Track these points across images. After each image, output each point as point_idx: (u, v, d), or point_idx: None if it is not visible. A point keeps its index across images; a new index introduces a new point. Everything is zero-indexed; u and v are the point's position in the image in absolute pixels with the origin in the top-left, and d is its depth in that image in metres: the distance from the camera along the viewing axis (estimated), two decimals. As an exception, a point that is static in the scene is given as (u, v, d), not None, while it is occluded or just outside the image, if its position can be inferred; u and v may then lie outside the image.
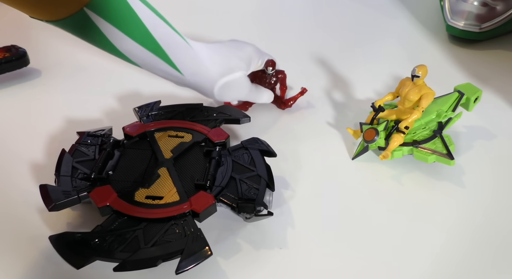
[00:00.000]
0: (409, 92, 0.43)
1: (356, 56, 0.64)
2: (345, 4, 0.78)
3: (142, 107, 0.48)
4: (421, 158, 0.43)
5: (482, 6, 0.62)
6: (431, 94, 0.43)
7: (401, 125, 0.43)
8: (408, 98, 0.43)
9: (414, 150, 0.43)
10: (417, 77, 0.42)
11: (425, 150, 0.43)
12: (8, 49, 0.57)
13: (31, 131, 0.50)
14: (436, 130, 0.44)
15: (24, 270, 0.36)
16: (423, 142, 0.43)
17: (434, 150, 0.43)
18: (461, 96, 0.45)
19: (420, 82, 0.43)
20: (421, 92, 0.43)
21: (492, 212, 0.41)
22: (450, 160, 0.42)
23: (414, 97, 0.43)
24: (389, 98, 0.46)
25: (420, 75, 0.42)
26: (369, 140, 0.43)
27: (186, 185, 0.39)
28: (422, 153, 0.43)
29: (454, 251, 0.38)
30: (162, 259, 0.33)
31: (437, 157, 0.42)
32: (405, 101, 0.44)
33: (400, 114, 0.44)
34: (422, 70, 0.42)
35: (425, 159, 0.43)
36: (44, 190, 0.37)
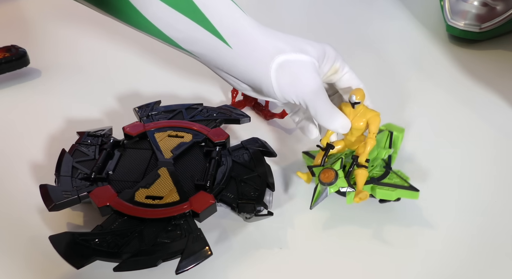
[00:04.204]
0: (354, 120, 0.38)
1: (356, 57, 0.63)
2: (344, 4, 0.77)
3: (142, 107, 0.48)
4: (385, 195, 0.38)
5: (482, 6, 0.62)
6: (377, 116, 0.38)
7: (361, 160, 0.38)
8: (356, 126, 0.38)
9: (376, 187, 0.38)
10: (357, 104, 0.37)
11: (386, 186, 0.39)
12: (8, 49, 0.57)
13: (31, 131, 0.50)
14: (386, 167, 0.40)
15: (24, 270, 0.36)
16: (380, 178, 0.39)
17: (394, 184, 0.39)
18: (391, 134, 0.42)
19: (361, 107, 0.38)
20: (367, 117, 0.38)
21: (492, 212, 0.41)
22: (414, 191, 0.38)
23: (361, 124, 0.38)
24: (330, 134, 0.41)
25: (359, 101, 0.37)
26: (328, 182, 0.37)
27: (186, 185, 0.39)
28: (385, 189, 0.38)
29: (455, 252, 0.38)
30: (162, 259, 0.33)
31: (400, 191, 0.38)
32: (353, 131, 0.39)
33: (350, 147, 0.40)
34: (360, 95, 0.37)
35: (390, 195, 0.38)
36: (44, 190, 0.37)
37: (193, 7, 0.32)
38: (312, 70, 0.36)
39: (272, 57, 0.35)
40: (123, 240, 0.34)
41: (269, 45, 0.35)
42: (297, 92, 0.36)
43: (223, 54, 0.35)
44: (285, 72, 0.35)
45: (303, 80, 0.36)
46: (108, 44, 0.65)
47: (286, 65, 0.35)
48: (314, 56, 0.36)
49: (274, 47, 0.35)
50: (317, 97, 0.36)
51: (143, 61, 0.61)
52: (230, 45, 0.34)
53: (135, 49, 0.62)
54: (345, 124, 0.38)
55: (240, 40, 0.35)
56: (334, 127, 0.37)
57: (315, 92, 0.36)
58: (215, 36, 0.34)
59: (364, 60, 0.63)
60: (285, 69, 0.35)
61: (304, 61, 0.36)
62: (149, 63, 0.61)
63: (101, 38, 0.65)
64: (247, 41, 0.35)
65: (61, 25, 0.69)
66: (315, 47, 0.37)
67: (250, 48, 0.35)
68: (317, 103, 0.36)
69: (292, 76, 0.35)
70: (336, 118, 0.37)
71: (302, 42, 0.37)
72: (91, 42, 0.65)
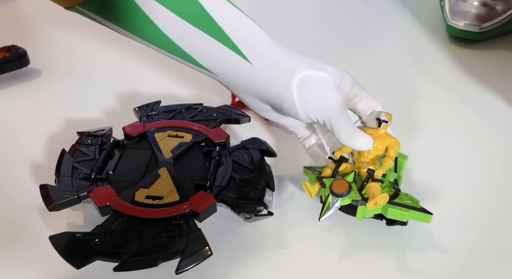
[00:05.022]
0: (375, 141, 0.38)
1: (356, 57, 0.63)
2: (344, 4, 0.77)
3: (142, 107, 0.48)
4: (397, 215, 0.36)
5: (482, 6, 0.62)
6: (397, 143, 0.38)
7: (378, 173, 0.37)
8: (375, 147, 0.38)
9: (389, 206, 0.36)
10: (385, 122, 0.38)
11: (398, 206, 0.36)
12: (8, 49, 0.57)
13: (31, 131, 0.50)
14: (395, 188, 0.38)
15: (24, 270, 0.36)
16: (392, 198, 0.37)
17: (407, 205, 0.36)
18: (396, 159, 0.41)
19: (385, 130, 0.39)
20: (388, 141, 0.38)
21: (493, 213, 0.41)
22: (427, 215, 0.36)
23: (382, 145, 0.38)
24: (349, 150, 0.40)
25: (388, 120, 0.38)
26: (341, 193, 0.35)
27: (186, 185, 0.39)
28: (398, 209, 0.36)
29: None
30: (162, 259, 0.33)
31: (413, 212, 0.36)
32: (371, 150, 0.38)
33: (363, 166, 0.38)
34: (390, 117, 0.38)
35: (402, 216, 0.36)
36: (44, 190, 0.37)
37: (212, 23, 0.32)
38: (334, 86, 0.36)
39: (293, 72, 0.35)
40: (123, 240, 0.34)
41: (289, 62, 0.35)
42: (321, 108, 0.35)
43: (243, 70, 0.35)
44: (308, 87, 0.35)
45: (327, 95, 0.35)
46: (108, 44, 0.65)
47: (308, 80, 0.35)
48: (333, 75, 0.36)
49: (293, 64, 0.35)
50: (341, 114, 0.35)
51: (143, 61, 0.61)
52: (250, 61, 0.34)
53: (135, 49, 0.62)
54: (369, 141, 0.37)
55: (259, 56, 0.34)
56: (359, 145, 0.36)
57: (339, 108, 0.35)
58: (235, 52, 0.34)
59: (364, 60, 0.63)
60: (307, 83, 0.35)
61: (325, 77, 0.35)
62: (149, 63, 0.61)
63: (101, 38, 0.66)
64: (267, 56, 0.35)
65: (61, 25, 0.69)
66: (335, 69, 0.37)
67: (270, 63, 0.35)
68: (341, 120, 0.35)
69: (315, 91, 0.35)
70: (360, 135, 0.36)
71: (320, 63, 0.37)
72: (91, 42, 0.65)
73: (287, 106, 0.36)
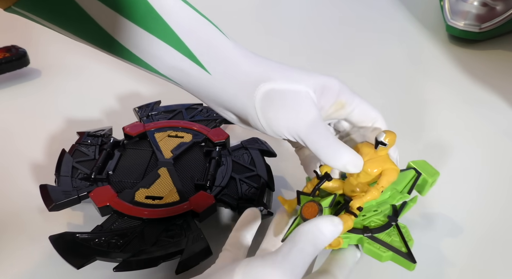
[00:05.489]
0: (368, 163, 0.31)
1: (356, 57, 0.64)
2: (344, 4, 0.77)
3: (142, 107, 0.48)
4: (372, 253, 0.31)
5: (482, 6, 0.62)
6: (395, 171, 0.32)
7: (353, 204, 0.30)
8: (366, 170, 0.31)
9: (365, 240, 0.31)
10: (383, 145, 0.31)
11: (378, 243, 0.31)
12: (8, 49, 0.57)
13: (31, 131, 0.50)
14: (391, 217, 0.32)
15: (24, 270, 0.36)
16: (376, 231, 0.31)
17: (390, 244, 0.31)
18: (418, 176, 0.34)
19: (385, 152, 0.32)
20: (384, 166, 0.31)
21: (493, 212, 0.41)
22: (410, 262, 0.30)
23: (375, 170, 0.31)
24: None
25: (387, 143, 0.31)
26: (308, 219, 0.29)
27: (186, 185, 0.39)
28: (375, 247, 0.30)
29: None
30: (162, 259, 0.33)
31: (394, 255, 0.30)
32: (361, 173, 0.32)
33: (349, 190, 0.32)
34: (391, 138, 0.31)
35: (379, 256, 0.30)
36: (44, 190, 0.37)
37: (164, 27, 0.29)
38: (306, 100, 0.31)
39: (256, 85, 0.30)
40: (123, 240, 0.34)
41: (254, 72, 0.31)
42: (288, 127, 0.31)
43: (201, 81, 0.31)
44: (273, 103, 0.30)
45: (295, 112, 0.30)
46: (108, 44, 0.65)
47: (274, 95, 0.30)
48: (310, 86, 0.31)
49: (259, 74, 0.31)
50: (314, 131, 0.30)
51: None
52: (208, 71, 0.30)
53: (135, 49, 0.62)
54: (355, 161, 0.31)
55: (219, 65, 0.30)
56: (342, 165, 0.30)
57: (310, 125, 0.30)
58: (191, 60, 0.30)
59: (364, 60, 0.63)
60: (272, 99, 0.30)
61: (296, 91, 0.31)
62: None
63: (101, 38, 0.65)
64: (228, 65, 0.31)
65: (61, 25, 0.69)
66: (312, 77, 0.32)
67: (232, 73, 0.31)
68: (315, 138, 0.30)
69: (281, 108, 0.30)
70: (342, 154, 0.30)
71: (296, 71, 0.32)
72: (91, 42, 0.65)
73: (252, 122, 0.32)
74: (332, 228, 0.26)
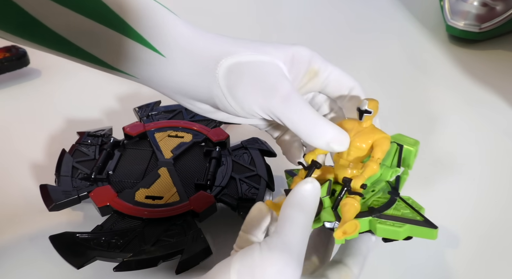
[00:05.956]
0: (357, 137, 0.28)
1: (356, 57, 0.63)
2: (344, 4, 0.77)
3: (142, 107, 0.48)
4: (389, 233, 0.27)
5: (482, 6, 0.62)
6: (387, 139, 0.29)
7: (355, 184, 0.27)
8: (356, 145, 0.28)
9: (376, 222, 0.27)
10: (368, 113, 0.28)
11: (391, 220, 0.28)
12: (8, 49, 0.57)
13: (31, 131, 0.50)
14: (392, 192, 0.30)
15: (25, 270, 0.36)
16: (383, 208, 0.28)
17: (403, 217, 0.28)
18: (401, 148, 0.31)
19: (370, 122, 0.29)
20: (374, 137, 0.29)
21: (493, 212, 0.41)
22: (431, 229, 0.27)
23: (365, 143, 0.28)
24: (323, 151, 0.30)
25: (372, 111, 0.28)
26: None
27: (186, 185, 0.39)
28: (390, 225, 0.27)
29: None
30: (162, 259, 0.33)
31: (411, 227, 0.27)
32: (351, 150, 0.29)
33: (341, 173, 0.29)
34: (374, 105, 0.28)
35: (396, 233, 0.27)
36: (44, 190, 0.37)
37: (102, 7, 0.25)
38: (276, 72, 0.28)
39: (218, 61, 0.27)
40: (123, 240, 0.34)
41: (213, 48, 0.28)
42: (260, 104, 0.27)
43: (158, 66, 0.28)
44: (239, 79, 0.27)
45: (265, 86, 0.27)
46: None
47: (238, 70, 0.27)
48: (278, 58, 0.28)
49: (219, 49, 0.28)
50: (289, 105, 0.27)
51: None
52: (162, 53, 0.27)
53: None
54: (340, 137, 0.28)
55: (173, 45, 0.27)
56: (324, 142, 0.27)
57: (284, 99, 0.27)
58: (141, 44, 0.27)
59: (364, 60, 0.63)
60: (237, 74, 0.27)
61: (263, 62, 0.27)
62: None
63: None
64: (182, 45, 0.27)
65: (61, 25, 0.69)
66: (279, 48, 0.29)
67: (188, 53, 0.27)
68: (291, 112, 0.27)
69: (248, 83, 0.27)
70: (324, 129, 0.27)
71: (260, 44, 0.29)
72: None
73: (220, 104, 0.29)
74: (308, 185, 0.25)
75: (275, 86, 0.27)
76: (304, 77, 0.30)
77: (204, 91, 0.28)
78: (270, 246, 0.23)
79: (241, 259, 0.23)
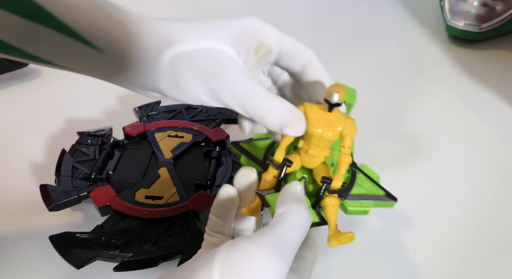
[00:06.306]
0: (327, 129, 0.26)
1: (356, 57, 0.63)
2: (344, 4, 0.77)
3: (142, 107, 0.48)
4: (358, 212, 0.29)
5: (482, 6, 0.62)
6: (354, 125, 0.27)
7: (335, 185, 0.26)
8: (327, 137, 0.26)
9: (345, 203, 0.28)
10: (337, 106, 0.26)
11: (358, 200, 0.29)
12: (8, 49, 0.57)
13: (31, 131, 0.50)
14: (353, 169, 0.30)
15: (25, 270, 0.36)
16: (349, 188, 0.29)
17: (368, 195, 0.29)
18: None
19: (338, 110, 0.27)
20: (343, 125, 0.26)
21: (493, 212, 0.41)
22: (391, 202, 0.29)
23: (336, 134, 0.26)
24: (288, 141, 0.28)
25: (341, 102, 0.25)
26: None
27: (186, 185, 0.39)
28: (358, 206, 0.28)
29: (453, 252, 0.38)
30: (162, 259, 0.33)
31: (376, 203, 0.29)
32: (321, 142, 0.27)
33: (309, 163, 0.28)
34: (342, 94, 0.25)
35: (365, 212, 0.29)
36: (44, 190, 0.37)
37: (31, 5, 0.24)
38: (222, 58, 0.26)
39: (158, 54, 0.25)
40: (123, 240, 0.34)
41: (153, 38, 0.26)
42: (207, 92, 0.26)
43: (96, 62, 0.26)
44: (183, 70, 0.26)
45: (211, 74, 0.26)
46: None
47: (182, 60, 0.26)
48: (224, 40, 0.26)
49: (161, 38, 0.26)
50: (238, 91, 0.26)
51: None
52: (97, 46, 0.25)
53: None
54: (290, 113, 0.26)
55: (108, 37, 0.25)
56: (272, 119, 0.26)
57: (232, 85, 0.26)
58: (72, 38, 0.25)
59: (364, 60, 0.63)
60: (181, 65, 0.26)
61: (208, 49, 0.26)
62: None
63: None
64: (119, 36, 0.25)
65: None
66: (225, 27, 0.27)
67: (126, 47, 0.25)
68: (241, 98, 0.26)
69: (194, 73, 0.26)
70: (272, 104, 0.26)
71: (204, 25, 0.27)
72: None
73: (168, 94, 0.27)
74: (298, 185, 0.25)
75: (221, 75, 0.26)
76: (256, 50, 0.29)
77: (151, 82, 0.27)
78: (259, 242, 0.21)
79: (225, 255, 0.21)
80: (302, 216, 0.23)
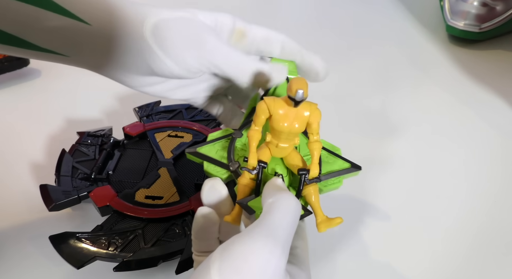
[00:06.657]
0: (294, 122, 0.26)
1: (356, 57, 0.63)
2: (344, 5, 0.77)
3: (142, 107, 0.48)
4: (331, 189, 0.29)
5: (482, 6, 0.62)
6: (318, 111, 0.27)
7: (313, 174, 0.27)
8: (294, 131, 0.26)
9: (320, 186, 0.29)
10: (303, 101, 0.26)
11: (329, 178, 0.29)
12: (8, 49, 0.57)
13: (31, 131, 0.50)
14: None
15: (25, 270, 0.36)
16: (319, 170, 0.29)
17: (336, 171, 0.30)
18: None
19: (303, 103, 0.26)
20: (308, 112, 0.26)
21: (493, 212, 0.41)
22: (357, 171, 0.30)
23: (303, 125, 0.27)
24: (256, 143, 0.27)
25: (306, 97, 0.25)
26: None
27: (186, 185, 0.39)
28: (330, 184, 0.29)
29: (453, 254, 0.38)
30: (162, 259, 0.33)
31: (344, 176, 0.30)
32: (289, 135, 0.27)
33: (279, 154, 0.28)
34: (306, 89, 0.25)
35: (336, 188, 0.30)
36: (44, 190, 0.37)
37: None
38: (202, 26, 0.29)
39: (142, 20, 0.28)
40: (123, 240, 0.34)
41: (135, 10, 0.28)
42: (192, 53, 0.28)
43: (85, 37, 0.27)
44: (167, 33, 0.28)
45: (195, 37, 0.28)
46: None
47: (165, 25, 0.28)
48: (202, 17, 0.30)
49: (143, 12, 0.28)
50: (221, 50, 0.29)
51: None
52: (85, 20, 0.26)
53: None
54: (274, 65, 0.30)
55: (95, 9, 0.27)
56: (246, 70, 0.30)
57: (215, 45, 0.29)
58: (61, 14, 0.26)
59: (364, 60, 0.63)
60: (164, 29, 0.28)
61: (188, 18, 0.29)
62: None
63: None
64: (104, 10, 0.27)
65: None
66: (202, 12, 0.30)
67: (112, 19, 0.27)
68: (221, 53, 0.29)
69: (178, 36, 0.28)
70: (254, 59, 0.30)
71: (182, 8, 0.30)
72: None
73: (155, 67, 0.29)
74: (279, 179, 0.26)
75: (204, 37, 0.29)
76: (232, 39, 0.31)
77: (136, 56, 0.28)
78: (252, 235, 0.21)
79: (221, 255, 0.21)
80: (291, 203, 0.23)
